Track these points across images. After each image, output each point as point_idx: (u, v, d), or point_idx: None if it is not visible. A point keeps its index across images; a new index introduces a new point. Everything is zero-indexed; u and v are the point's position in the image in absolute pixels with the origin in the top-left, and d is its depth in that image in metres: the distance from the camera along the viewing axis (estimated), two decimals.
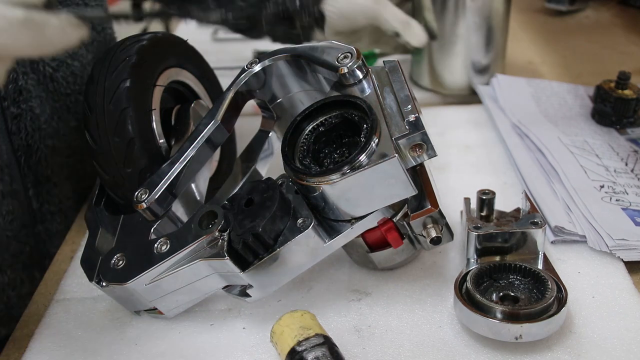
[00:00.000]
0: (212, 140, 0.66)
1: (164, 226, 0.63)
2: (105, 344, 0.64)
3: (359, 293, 0.67)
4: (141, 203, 0.62)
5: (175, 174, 0.63)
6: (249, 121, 0.79)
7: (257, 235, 0.58)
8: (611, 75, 0.92)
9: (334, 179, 0.56)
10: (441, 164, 0.86)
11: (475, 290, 0.60)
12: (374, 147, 0.55)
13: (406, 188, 0.57)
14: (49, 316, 0.67)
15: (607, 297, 0.64)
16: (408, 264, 0.69)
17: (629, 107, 0.90)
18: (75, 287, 0.71)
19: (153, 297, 0.61)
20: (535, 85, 1.02)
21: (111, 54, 0.69)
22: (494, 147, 0.91)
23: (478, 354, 0.59)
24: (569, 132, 0.90)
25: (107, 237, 0.66)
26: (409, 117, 0.56)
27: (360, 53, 0.61)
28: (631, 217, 0.73)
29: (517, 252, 0.66)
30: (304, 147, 0.61)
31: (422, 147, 0.56)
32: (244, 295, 0.63)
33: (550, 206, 0.75)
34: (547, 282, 0.60)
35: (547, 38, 1.25)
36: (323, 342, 0.55)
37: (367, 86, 0.61)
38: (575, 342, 0.59)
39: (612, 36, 1.24)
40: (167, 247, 0.59)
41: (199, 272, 0.60)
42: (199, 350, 0.62)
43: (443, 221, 0.60)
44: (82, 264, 0.65)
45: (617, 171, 0.81)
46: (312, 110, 0.62)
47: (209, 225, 0.58)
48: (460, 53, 1.01)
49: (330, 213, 0.59)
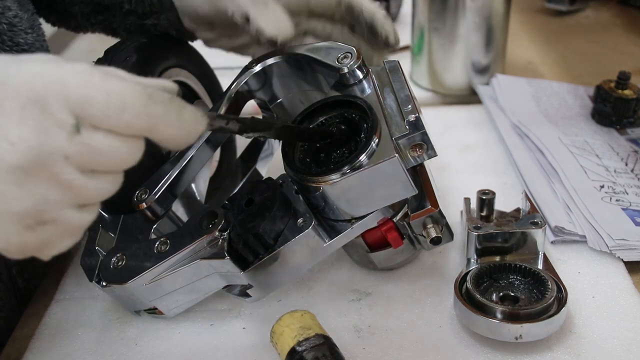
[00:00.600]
0: (212, 140, 0.66)
1: (164, 226, 0.63)
2: (105, 344, 0.64)
3: (359, 293, 0.67)
4: (141, 203, 0.62)
5: (176, 174, 0.63)
6: None
7: (258, 235, 0.58)
8: (611, 75, 0.92)
9: (334, 178, 0.56)
10: (441, 164, 0.86)
11: (475, 290, 0.60)
12: (374, 147, 0.55)
13: (406, 188, 0.57)
14: (49, 316, 0.67)
15: (607, 297, 0.64)
16: (408, 264, 0.69)
17: (629, 107, 0.90)
18: (75, 287, 0.71)
19: (153, 296, 0.61)
20: (535, 85, 1.02)
21: (111, 54, 0.69)
22: (494, 147, 0.91)
23: (478, 354, 0.59)
24: (569, 132, 0.90)
25: (107, 237, 0.66)
26: (409, 117, 0.56)
27: (360, 53, 0.61)
28: (631, 217, 0.73)
29: (517, 252, 0.66)
30: (304, 147, 0.61)
31: (422, 147, 0.56)
32: (244, 296, 0.63)
33: (550, 206, 0.75)
34: (547, 282, 0.60)
35: (547, 38, 1.25)
36: (323, 342, 0.55)
37: (368, 86, 0.61)
38: (575, 342, 0.59)
39: (612, 36, 1.24)
40: (167, 246, 0.59)
41: (199, 271, 0.60)
42: (199, 350, 0.62)
43: (443, 221, 0.60)
44: (82, 264, 0.65)
45: (617, 171, 0.81)
46: (312, 110, 0.62)
47: (209, 225, 0.58)
48: (460, 53, 1.01)
49: (330, 213, 0.59)
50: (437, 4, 0.99)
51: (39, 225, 0.41)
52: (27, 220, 0.40)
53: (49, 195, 0.40)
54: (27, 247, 0.42)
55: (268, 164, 0.75)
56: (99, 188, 0.42)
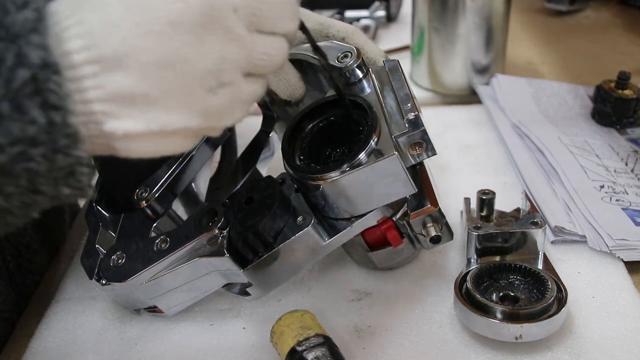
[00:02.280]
0: (212, 140, 0.66)
1: (164, 225, 0.63)
2: (105, 344, 0.64)
3: (359, 293, 0.67)
4: (142, 201, 0.62)
5: (176, 173, 0.63)
6: (249, 121, 0.79)
7: (257, 232, 0.58)
8: (611, 75, 0.92)
9: (333, 177, 0.56)
10: (441, 164, 0.86)
11: (475, 290, 0.60)
12: (373, 146, 0.55)
13: (406, 186, 0.57)
14: (49, 316, 0.67)
15: (607, 297, 0.64)
16: (408, 263, 0.69)
17: (629, 107, 0.90)
18: (75, 287, 0.71)
19: (153, 295, 0.61)
20: (535, 85, 1.02)
21: None
22: (494, 147, 0.91)
23: (478, 354, 0.59)
24: (569, 132, 0.90)
25: (108, 236, 0.66)
26: (409, 115, 0.56)
27: (360, 52, 0.61)
28: (631, 217, 0.73)
29: (517, 252, 0.66)
30: (304, 146, 0.61)
31: (422, 146, 0.56)
32: (244, 294, 0.63)
33: (550, 206, 0.75)
34: (547, 282, 0.60)
35: (547, 38, 1.25)
36: (323, 342, 0.55)
37: (367, 85, 0.61)
38: (575, 342, 0.59)
39: (612, 36, 1.24)
40: (166, 244, 0.59)
41: (199, 269, 0.59)
42: (199, 350, 0.62)
43: (443, 220, 0.60)
44: (82, 262, 0.65)
45: (617, 171, 0.81)
46: (312, 109, 0.62)
47: (209, 223, 0.58)
48: (460, 53, 1.01)
49: (330, 211, 0.59)
50: (437, 4, 0.99)
51: (220, 87, 0.41)
52: (210, 81, 0.41)
53: (226, 52, 0.41)
54: (210, 112, 0.42)
55: (268, 164, 0.75)
56: (266, 51, 0.43)
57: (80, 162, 0.41)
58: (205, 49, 0.40)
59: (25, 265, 0.73)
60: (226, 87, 0.42)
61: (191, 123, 0.42)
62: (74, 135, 0.40)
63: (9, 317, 0.68)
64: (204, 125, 0.42)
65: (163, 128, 0.41)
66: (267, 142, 0.75)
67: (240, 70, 0.42)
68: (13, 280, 0.71)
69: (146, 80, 0.40)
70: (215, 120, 0.43)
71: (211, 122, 0.43)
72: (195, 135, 0.44)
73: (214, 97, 0.41)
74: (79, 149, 0.40)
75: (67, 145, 0.40)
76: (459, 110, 1.02)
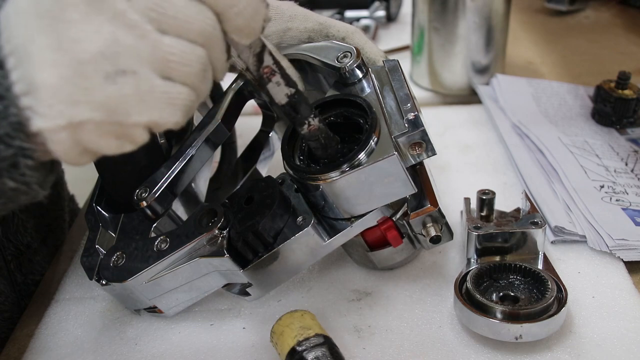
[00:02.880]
0: (212, 140, 0.66)
1: (164, 225, 0.63)
2: (105, 344, 0.64)
3: (359, 293, 0.67)
4: (142, 201, 0.62)
5: (176, 173, 0.63)
6: (249, 121, 0.79)
7: (257, 232, 0.58)
8: (611, 75, 0.92)
9: (333, 176, 0.56)
10: (441, 164, 0.86)
11: (475, 290, 0.60)
12: (373, 145, 0.55)
13: (405, 186, 0.57)
14: (49, 316, 0.67)
15: (607, 297, 0.64)
16: (408, 263, 0.69)
17: (629, 107, 0.90)
18: (75, 287, 0.71)
19: (153, 295, 0.61)
20: (535, 85, 1.02)
21: None
22: (494, 147, 0.91)
23: (478, 354, 0.59)
24: (569, 132, 0.90)
25: (108, 236, 0.66)
26: (408, 115, 0.56)
27: (359, 52, 0.61)
28: (631, 217, 0.73)
29: (517, 252, 0.66)
30: (304, 146, 0.61)
31: (422, 146, 0.56)
32: (244, 294, 0.63)
33: (550, 206, 0.75)
34: (547, 282, 0.60)
35: (547, 38, 1.25)
36: (323, 342, 0.55)
37: (367, 85, 0.61)
38: (575, 342, 0.59)
39: (612, 36, 1.24)
40: (166, 245, 0.59)
41: (199, 269, 0.60)
42: (199, 350, 0.62)
43: (442, 220, 0.60)
44: (82, 263, 0.65)
45: (617, 171, 0.81)
46: None
47: (208, 223, 0.58)
48: (460, 53, 1.01)
49: (329, 212, 0.59)
50: (437, 4, 0.99)
51: (119, 75, 0.40)
52: (105, 65, 0.39)
53: (118, 36, 0.40)
54: (112, 103, 0.40)
55: (268, 164, 0.75)
56: (177, 53, 0.41)
57: (24, 154, 0.41)
58: (93, 27, 0.39)
59: (26, 265, 0.73)
60: (127, 77, 0.40)
61: (94, 114, 0.40)
62: (15, 125, 0.39)
63: (9, 316, 0.69)
64: (110, 118, 0.40)
65: (70, 120, 0.39)
66: (267, 142, 0.75)
67: (147, 63, 0.40)
68: (13, 279, 0.71)
69: (45, 66, 0.39)
70: (121, 114, 0.41)
71: (117, 115, 0.41)
72: (110, 133, 0.41)
73: (113, 85, 0.40)
74: (21, 140, 0.40)
75: (7, 134, 0.39)
76: (459, 110, 1.02)
